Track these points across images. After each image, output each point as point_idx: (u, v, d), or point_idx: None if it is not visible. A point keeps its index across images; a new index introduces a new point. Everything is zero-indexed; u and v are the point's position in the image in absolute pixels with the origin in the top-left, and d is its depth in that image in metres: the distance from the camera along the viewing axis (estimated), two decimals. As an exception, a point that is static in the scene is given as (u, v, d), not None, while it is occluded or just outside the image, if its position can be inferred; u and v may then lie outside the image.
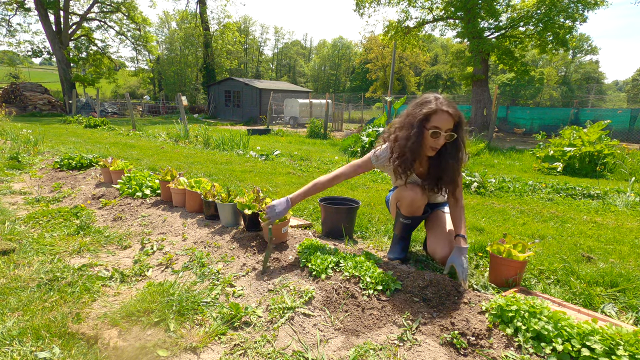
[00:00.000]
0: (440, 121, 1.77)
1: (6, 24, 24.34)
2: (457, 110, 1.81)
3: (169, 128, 11.28)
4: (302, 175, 4.89)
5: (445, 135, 1.79)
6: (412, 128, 1.82)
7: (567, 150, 6.73)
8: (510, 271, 1.84)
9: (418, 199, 2.00)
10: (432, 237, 2.11)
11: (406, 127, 1.86)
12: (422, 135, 1.81)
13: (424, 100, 1.85)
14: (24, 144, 6.87)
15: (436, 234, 2.10)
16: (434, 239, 2.09)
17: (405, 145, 1.83)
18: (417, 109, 1.83)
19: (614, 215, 3.42)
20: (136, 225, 2.94)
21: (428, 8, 17.33)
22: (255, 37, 66.89)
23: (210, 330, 1.60)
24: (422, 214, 2.11)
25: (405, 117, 1.90)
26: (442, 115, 1.77)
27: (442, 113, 1.77)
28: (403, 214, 2.10)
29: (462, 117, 1.83)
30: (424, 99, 1.85)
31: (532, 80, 37.81)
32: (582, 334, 1.31)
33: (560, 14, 14.32)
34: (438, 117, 1.77)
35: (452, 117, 1.78)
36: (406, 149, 1.83)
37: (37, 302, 1.80)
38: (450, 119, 1.78)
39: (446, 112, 1.76)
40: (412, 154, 1.84)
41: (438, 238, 2.06)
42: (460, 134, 1.83)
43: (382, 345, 1.47)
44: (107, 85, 38.86)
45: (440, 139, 1.80)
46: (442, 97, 1.84)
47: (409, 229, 2.18)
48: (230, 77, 29.44)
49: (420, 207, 2.04)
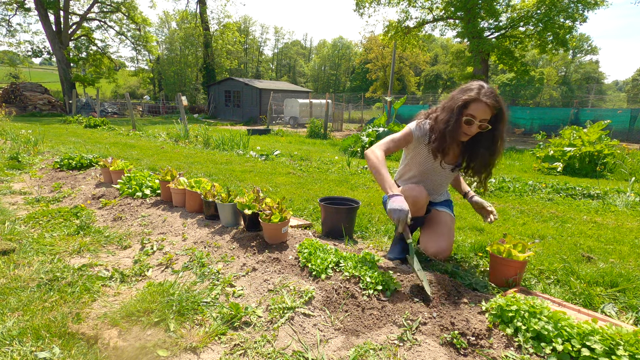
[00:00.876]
0: (477, 110, 1.80)
1: (6, 24, 24.34)
2: (498, 103, 1.82)
3: (169, 128, 11.28)
4: (302, 175, 4.89)
5: (479, 125, 1.83)
6: (451, 113, 1.86)
7: (567, 150, 6.72)
8: (510, 271, 1.84)
9: (422, 199, 2.00)
10: (426, 233, 2.14)
11: (447, 110, 1.90)
12: (460, 122, 1.85)
13: (468, 87, 1.87)
14: (24, 144, 6.87)
15: (430, 229, 2.13)
16: (428, 234, 2.12)
17: (445, 129, 1.87)
18: (459, 94, 1.87)
19: (614, 215, 3.42)
20: (136, 225, 2.94)
21: (428, 8, 17.33)
22: (255, 37, 66.92)
23: (210, 330, 1.60)
24: (424, 214, 2.11)
25: (449, 100, 1.94)
26: (479, 105, 1.79)
27: (479, 102, 1.79)
28: None
29: (503, 110, 1.85)
30: (469, 86, 1.88)
31: (532, 80, 37.81)
32: (582, 334, 1.31)
33: (560, 14, 14.32)
34: (475, 105, 1.80)
35: (490, 108, 1.80)
36: (445, 132, 1.87)
37: (37, 302, 1.80)
38: (487, 110, 1.80)
39: (484, 102, 1.78)
40: (450, 138, 1.88)
41: (432, 234, 2.10)
42: (497, 126, 1.87)
43: (382, 345, 1.47)
44: (107, 85, 38.88)
45: (473, 127, 1.84)
46: (486, 87, 1.84)
47: (411, 229, 2.18)
48: (230, 77, 29.44)
49: (423, 207, 2.04)
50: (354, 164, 6.20)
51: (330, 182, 4.48)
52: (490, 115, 1.82)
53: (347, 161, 6.17)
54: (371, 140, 8.89)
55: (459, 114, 1.84)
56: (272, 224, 2.22)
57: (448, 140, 1.89)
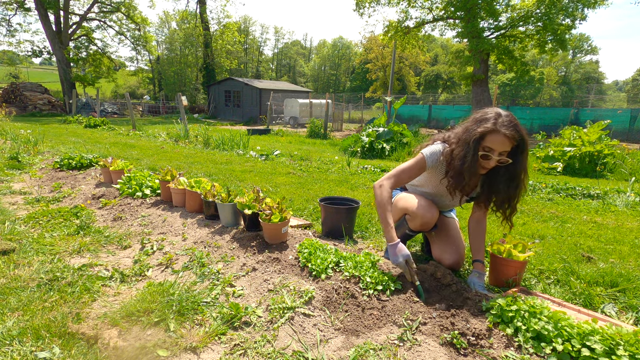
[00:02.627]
0: (495, 143, 1.63)
1: (6, 24, 24.34)
2: (519, 133, 1.63)
3: (169, 128, 11.28)
4: (302, 175, 4.89)
5: (497, 159, 1.66)
6: (467, 147, 1.69)
7: (567, 150, 6.72)
8: (511, 271, 1.84)
9: (433, 221, 1.92)
10: (439, 244, 2.05)
11: (462, 144, 1.73)
12: (477, 157, 1.68)
13: (484, 116, 1.69)
14: (24, 144, 6.87)
15: (444, 241, 2.04)
16: (441, 245, 2.03)
17: (462, 167, 1.71)
18: (475, 126, 1.70)
19: (614, 215, 3.42)
20: (136, 225, 2.94)
21: (428, 8, 17.31)
22: (255, 37, 66.91)
23: (210, 330, 1.60)
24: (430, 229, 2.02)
25: (463, 132, 1.76)
26: (497, 137, 1.62)
27: (498, 134, 1.62)
28: (411, 228, 2.01)
29: (525, 140, 1.66)
30: (484, 115, 1.70)
31: (532, 80, 37.82)
32: (582, 334, 1.31)
33: (560, 13, 14.31)
34: (493, 137, 1.63)
35: (509, 139, 1.62)
36: (463, 170, 1.71)
37: (37, 302, 1.80)
38: (506, 142, 1.62)
39: (503, 134, 1.61)
40: (468, 175, 1.71)
41: (446, 245, 2.02)
42: (519, 159, 1.68)
43: (382, 345, 1.47)
44: (107, 85, 38.90)
45: (491, 162, 1.68)
46: (504, 115, 1.66)
47: (409, 238, 2.17)
48: (230, 77, 29.44)
49: (431, 225, 1.96)
50: (354, 164, 6.20)
51: (330, 182, 4.48)
52: (510, 147, 1.64)
53: (347, 161, 6.17)
54: (371, 140, 8.89)
55: (475, 149, 1.66)
56: (272, 224, 2.22)
57: (466, 179, 1.72)
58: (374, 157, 8.52)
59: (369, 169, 5.77)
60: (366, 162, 6.68)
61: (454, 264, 1.97)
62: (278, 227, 2.24)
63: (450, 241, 2.02)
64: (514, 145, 1.65)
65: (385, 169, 5.74)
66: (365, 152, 8.83)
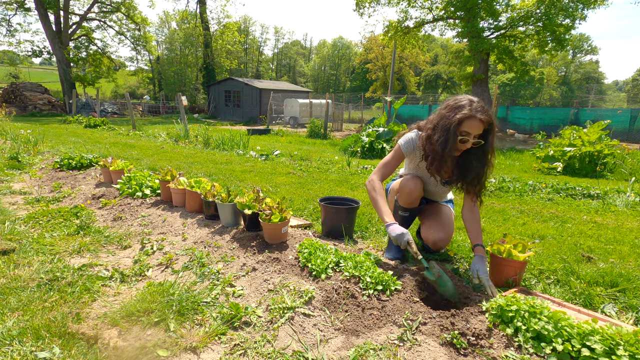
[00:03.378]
0: (472, 127, 1.80)
1: (6, 24, 24.34)
2: (490, 117, 1.83)
3: (169, 128, 11.28)
4: (302, 175, 4.89)
5: (473, 142, 1.84)
6: (447, 133, 1.84)
7: (567, 150, 6.72)
8: (511, 271, 1.84)
9: (417, 190, 2.08)
10: (427, 223, 2.19)
11: (440, 130, 1.87)
12: (456, 141, 1.83)
13: (458, 104, 1.85)
14: (24, 144, 6.87)
15: (432, 219, 2.18)
16: (429, 223, 2.17)
17: (444, 151, 1.85)
18: (451, 113, 1.85)
19: (614, 215, 3.42)
20: (136, 225, 2.94)
21: (428, 8, 17.32)
22: (255, 37, 66.91)
23: (210, 330, 1.60)
24: (418, 206, 2.17)
25: (438, 119, 1.91)
26: (473, 122, 1.79)
27: (473, 119, 1.79)
28: (401, 206, 2.17)
29: (494, 122, 1.86)
30: (458, 103, 1.86)
31: (532, 80, 37.80)
32: (582, 334, 1.31)
33: (559, 13, 14.31)
34: (470, 122, 1.80)
35: (484, 123, 1.81)
36: (444, 154, 1.86)
37: (37, 302, 1.80)
38: (481, 126, 1.81)
39: (478, 119, 1.78)
40: (449, 158, 1.88)
41: (431, 224, 2.14)
42: (489, 139, 1.87)
43: (382, 345, 1.47)
44: (107, 85, 38.89)
45: (467, 144, 1.85)
46: (476, 102, 1.84)
47: (406, 222, 2.23)
48: (230, 77, 29.44)
49: (417, 199, 2.12)
50: (354, 164, 6.20)
51: (330, 182, 4.48)
52: (482, 130, 1.83)
53: (347, 161, 6.17)
54: (371, 140, 8.89)
55: (455, 134, 1.82)
56: (272, 224, 2.22)
57: (447, 161, 1.89)
58: (374, 157, 8.52)
59: (369, 169, 5.77)
60: (366, 162, 6.68)
61: (437, 240, 2.06)
62: (278, 227, 2.24)
63: (438, 222, 2.14)
64: (485, 129, 1.84)
65: (385, 169, 5.73)
66: (365, 152, 8.83)
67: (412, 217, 2.24)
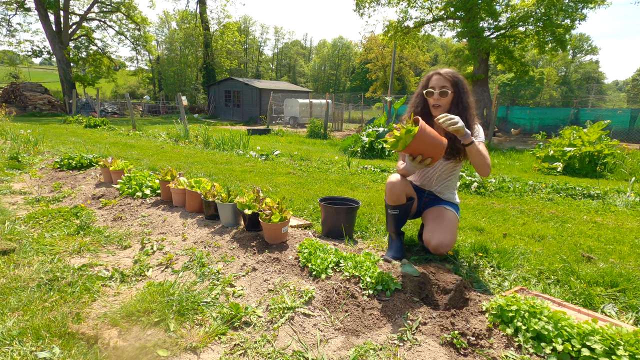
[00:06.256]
0: (434, 81, 2.09)
1: (6, 24, 24.34)
2: (453, 74, 2.08)
3: (169, 128, 11.28)
4: (302, 175, 4.89)
5: (439, 92, 2.06)
6: (417, 95, 2.19)
7: (567, 150, 6.72)
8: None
9: (398, 185, 2.12)
10: (429, 226, 2.19)
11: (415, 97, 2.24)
12: (423, 96, 2.13)
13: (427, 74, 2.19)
14: (24, 144, 6.87)
15: (435, 223, 2.17)
16: (431, 227, 2.16)
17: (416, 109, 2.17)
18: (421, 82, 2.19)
19: (614, 215, 3.42)
20: (136, 225, 2.94)
21: (427, 8, 17.30)
22: (255, 37, 66.90)
23: (210, 330, 1.60)
24: (406, 201, 2.18)
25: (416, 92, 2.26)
26: (435, 76, 2.10)
27: (436, 74, 2.10)
28: (389, 204, 2.21)
29: (460, 79, 2.08)
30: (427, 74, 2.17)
31: (532, 80, 37.81)
32: (582, 334, 1.31)
33: (559, 13, 14.31)
34: (433, 78, 2.11)
35: (444, 76, 2.05)
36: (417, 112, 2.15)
37: (37, 302, 1.79)
38: (441, 78, 2.06)
39: (438, 73, 2.08)
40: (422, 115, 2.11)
41: (434, 228, 2.13)
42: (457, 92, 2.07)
43: (382, 345, 1.47)
44: (107, 85, 38.87)
45: (435, 95, 2.08)
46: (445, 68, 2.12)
47: (398, 220, 2.22)
48: (230, 77, 29.43)
49: (401, 194, 2.14)
50: (354, 164, 6.20)
51: (330, 182, 4.48)
52: (448, 84, 2.04)
53: (347, 161, 6.16)
54: (371, 140, 8.89)
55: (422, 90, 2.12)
56: (272, 224, 2.22)
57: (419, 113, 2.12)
58: (374, 157, 8.52)
59: (369, 169, 5.77)
60: (366, 162, 6.68)
61: (438, 246, 2.06)
62: (278, 227, 2.24)
63: (441, 227, 2.14)
64: (453, 84, 2.06)
65: (385, 169, 5.74)
66: (365, 152, 8.83)
67: (404, 215, 2.21)
